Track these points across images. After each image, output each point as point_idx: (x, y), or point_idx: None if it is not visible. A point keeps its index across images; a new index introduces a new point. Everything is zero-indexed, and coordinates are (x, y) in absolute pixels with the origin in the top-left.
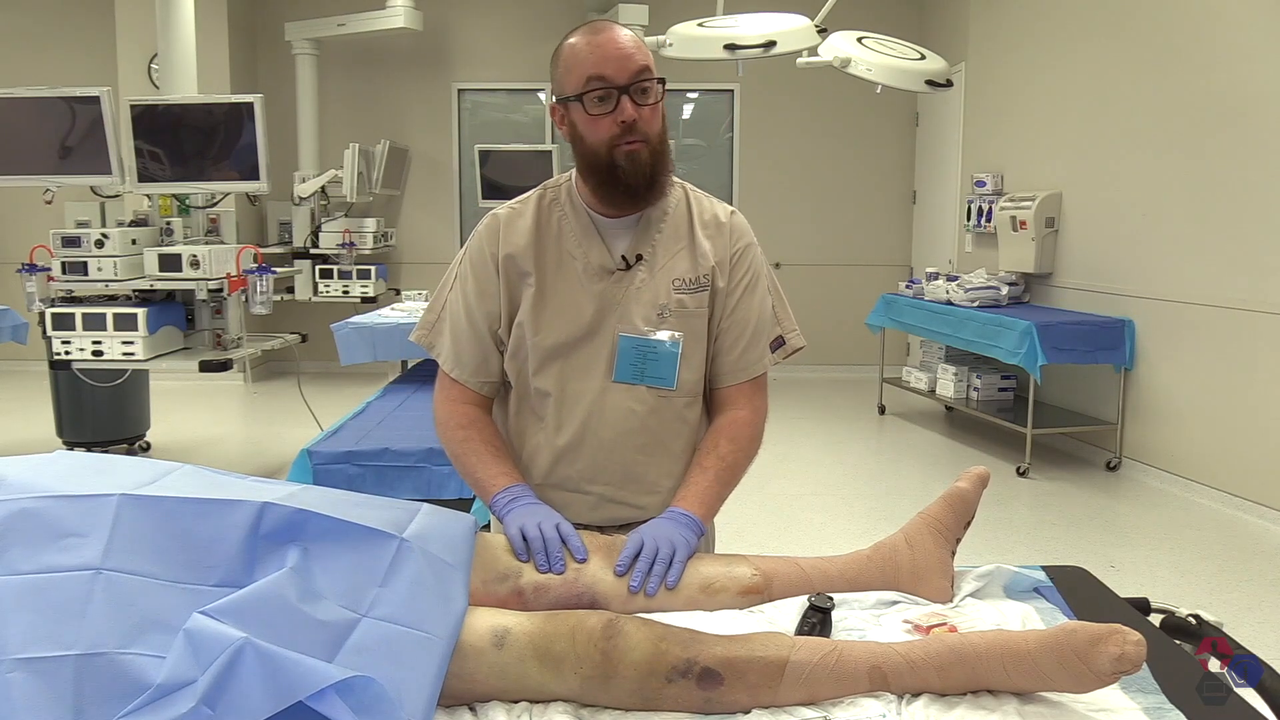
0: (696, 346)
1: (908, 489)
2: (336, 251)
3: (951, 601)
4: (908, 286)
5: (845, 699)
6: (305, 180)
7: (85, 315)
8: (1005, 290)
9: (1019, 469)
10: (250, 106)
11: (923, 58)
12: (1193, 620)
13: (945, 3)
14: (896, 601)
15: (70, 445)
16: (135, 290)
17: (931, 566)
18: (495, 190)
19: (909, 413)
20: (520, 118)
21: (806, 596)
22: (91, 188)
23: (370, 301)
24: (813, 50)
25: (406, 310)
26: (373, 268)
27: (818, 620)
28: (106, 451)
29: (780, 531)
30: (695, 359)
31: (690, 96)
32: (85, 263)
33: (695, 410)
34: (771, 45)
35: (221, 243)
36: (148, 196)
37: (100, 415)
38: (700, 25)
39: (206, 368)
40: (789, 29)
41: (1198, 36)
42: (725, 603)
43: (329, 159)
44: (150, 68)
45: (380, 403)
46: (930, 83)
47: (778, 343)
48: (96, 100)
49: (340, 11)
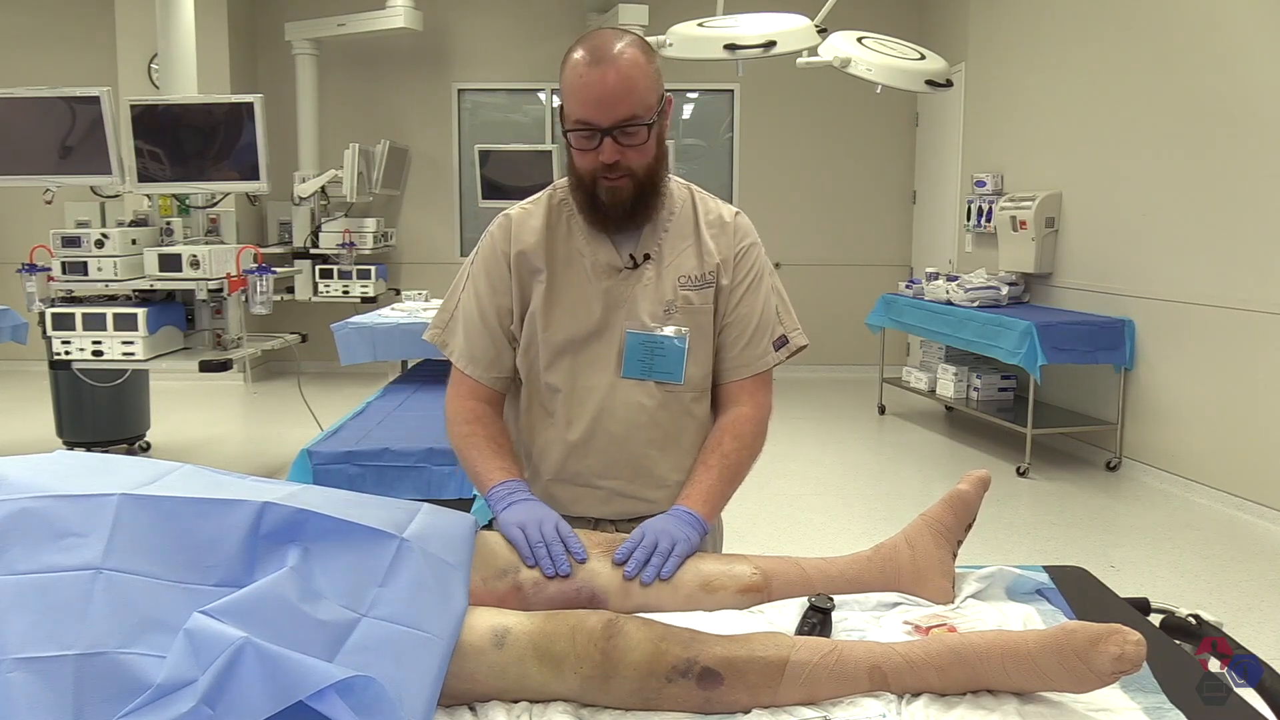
0: (702, 342)
1: (908, 489)
2: (336, 251)
3: (953, 603)
4: (908, 286)
5: (845, 699)
6: (305, 180)
7: (85, 315)
8: (1005, 290)
9: (1019, 469)
10: (250, 106)
11: (923, 58)
12: (1193, 620)
13: (945, 3)
14: (898, 603)
15: (70, 445)
16: (135, 290)
17: (932, 567)
18: (495, 190)
19: (909, 413)
20: (520, 118)
21: (807, 597)
22: (91, 188)
23: (370, 301)
24: (813, 50)
25: (406, 310)
26: (373, 268)
27: (818, 621)
28: (106, 451)
29: (781, 531)
30: (701, 354)
31: (690, 96)
32: (85, 263)
33: (703, 405)
34: (771, 45)
35: (221, 243)
36: (148, 196)
37: (100, 415)
38: (700, 25)
39: (206, 368)
40: (789, 29)
41: (1198, 37)
42: (725, 601)
43: (329, 159)
44: (150, 68)
45: (380, 403)
46: (930, 83)
47: (780, 341)
48: (96, 100)
49: (340, 11)
